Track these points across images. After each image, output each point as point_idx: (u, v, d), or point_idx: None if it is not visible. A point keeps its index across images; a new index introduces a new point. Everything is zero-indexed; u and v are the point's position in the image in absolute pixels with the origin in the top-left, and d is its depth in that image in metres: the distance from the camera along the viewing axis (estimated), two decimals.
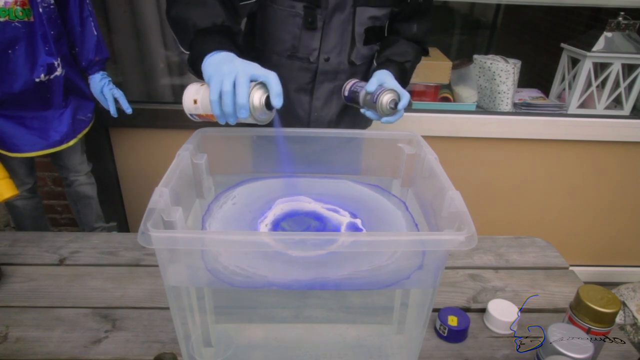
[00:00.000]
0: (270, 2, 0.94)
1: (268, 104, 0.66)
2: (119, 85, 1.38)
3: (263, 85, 0.66)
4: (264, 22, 0.98)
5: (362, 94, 0.92)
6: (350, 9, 0.93)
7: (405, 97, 0.88)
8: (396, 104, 0.87)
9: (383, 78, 0.90)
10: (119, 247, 1.02)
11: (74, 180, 1.51)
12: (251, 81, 0.65)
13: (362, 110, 0.93)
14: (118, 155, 1.77)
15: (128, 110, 1.36)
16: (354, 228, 0.69)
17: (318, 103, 1.04)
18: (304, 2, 0.92)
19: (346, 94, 0.99)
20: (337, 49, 0.98)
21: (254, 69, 0.66)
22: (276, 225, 0.69)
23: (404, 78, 0.99)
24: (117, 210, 1.87)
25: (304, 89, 1.01)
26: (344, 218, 0.71)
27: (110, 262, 0.98)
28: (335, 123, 1.07)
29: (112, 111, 1.36)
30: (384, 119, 0.89)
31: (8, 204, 1.48)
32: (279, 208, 0.73)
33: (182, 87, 1.81)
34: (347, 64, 1.00)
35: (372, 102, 0.88)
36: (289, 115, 1.06)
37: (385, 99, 0.86)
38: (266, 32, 0.99)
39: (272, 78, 0.66)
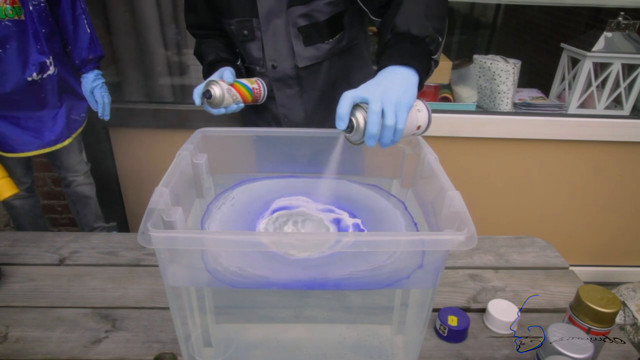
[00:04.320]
0: (224, 24, 0.99)
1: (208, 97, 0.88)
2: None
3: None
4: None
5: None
6: (285, 12, 0.92)
7: (372, 113, 0.60)
8: (352, 129, 0.63)
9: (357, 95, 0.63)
10: (119, 247, 1.02)
11: (72, 180, 1.51)
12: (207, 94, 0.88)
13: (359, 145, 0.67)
14: (118, 155, 1.77)
15: (107, 117, 1.38)
16: (355, 228, 0.69)
17: (284, 109, 1.05)
18: (236, 18, 0.95)
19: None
20: (281, 55, 0.97)
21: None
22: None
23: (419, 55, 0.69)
24: (117, 210, 1.87)
25: (270, 96, 1.04)
26: (345, 220, 0.71)
27: (110, 262, 0.98)
28: (307, 124, 1.07)
29: (100, 113, 1.37)
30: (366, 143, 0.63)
31: (6, 203, 1.48)
32: (278, 209, 0.73)
33: (182, 87, 1.83)
34: (294, 68, 0.98)
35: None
36: (266, 122, 1.11)
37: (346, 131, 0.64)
38: None
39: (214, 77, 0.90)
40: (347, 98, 0.63)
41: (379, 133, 0.61)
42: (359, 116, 0.63)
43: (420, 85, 0.68)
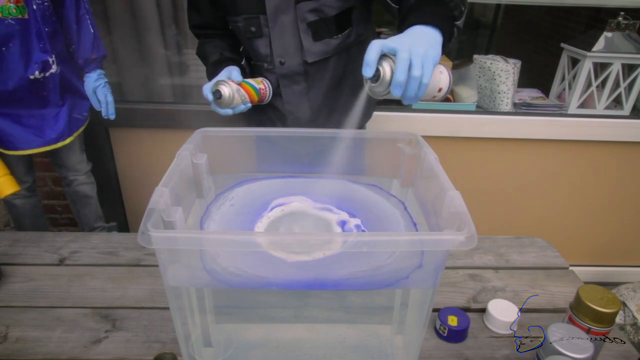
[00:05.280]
0: (229, 22, 0.99)
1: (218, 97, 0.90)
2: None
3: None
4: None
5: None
6: (293, 8, 0.92)
7: (401, 61, 0.60)
8: (377, 79, 0.63)
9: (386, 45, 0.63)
10: (119, 247, 1.02)
11: (73, 179, 1.51)
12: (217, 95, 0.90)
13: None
14: (118, 155, 1.77)
15: (112, 116, 1.39)
16: (355, 228, 0.69)
17: (290, 106, 1.05)
18: (243, 15, 0.95)
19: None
20: (289, 51, 0.97)
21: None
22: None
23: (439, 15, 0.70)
24: (117, 210, 1.87)
25: (277, 93, 1.03)
26: (343, 218, 0.71)
27: (110, 262, 0.98)
28: (312, 121, 1.07)
29: (105, 113, 1.38)
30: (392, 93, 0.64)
31: (7, 202, 1.48)
32: (277, 210, 0.73)
33: (182, 87, 1.82)
34: (302, 64, 0.99)
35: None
36: (270, 119, 1.10)
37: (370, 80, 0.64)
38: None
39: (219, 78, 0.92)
40: (376, 46, 0.62)
41: (405, 82, 0.61)
42: (386, 66, 0.63)
43: (444, 48, 0.69)
